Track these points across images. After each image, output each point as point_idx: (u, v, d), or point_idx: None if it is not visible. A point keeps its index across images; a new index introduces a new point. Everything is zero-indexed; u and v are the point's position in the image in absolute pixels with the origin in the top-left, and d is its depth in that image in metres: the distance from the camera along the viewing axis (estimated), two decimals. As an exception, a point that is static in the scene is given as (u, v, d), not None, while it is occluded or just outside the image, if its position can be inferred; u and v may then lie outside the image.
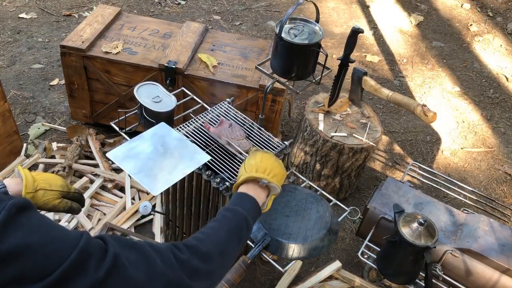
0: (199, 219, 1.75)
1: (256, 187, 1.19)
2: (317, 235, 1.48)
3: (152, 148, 1.41)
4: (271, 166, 1.21)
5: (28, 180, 1.22)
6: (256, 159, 1.23)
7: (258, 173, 1.19)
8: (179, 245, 0.93)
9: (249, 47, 2.58)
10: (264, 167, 1.20)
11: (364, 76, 1.97)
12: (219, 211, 1.12)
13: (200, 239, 0.98)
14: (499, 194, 2.70)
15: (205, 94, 2.37)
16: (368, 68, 3.58)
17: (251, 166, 1.21)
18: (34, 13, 3.76)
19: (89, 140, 2.50)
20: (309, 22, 1.80)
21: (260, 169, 1.20)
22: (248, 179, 1.19)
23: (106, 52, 2.38)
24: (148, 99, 1.61)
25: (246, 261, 1.41)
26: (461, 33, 4.17)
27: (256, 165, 1.21)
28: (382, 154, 2.85)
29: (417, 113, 1.81)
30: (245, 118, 1.75)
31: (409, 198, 1.91)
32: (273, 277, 2.08)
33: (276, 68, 1.82)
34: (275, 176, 1.20)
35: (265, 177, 1.18)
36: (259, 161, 1.22)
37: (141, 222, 2.21)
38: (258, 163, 1.21)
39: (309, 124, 2.26)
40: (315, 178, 2.38)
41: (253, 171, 1.19)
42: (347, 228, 2.36)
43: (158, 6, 4.07)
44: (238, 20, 4.00)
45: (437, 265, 1.71)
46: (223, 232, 1.04)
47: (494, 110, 3.34)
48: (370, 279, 2.04)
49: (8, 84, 2.99)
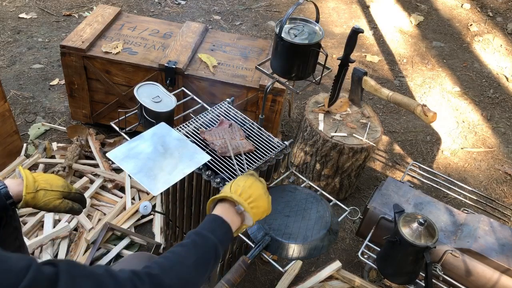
0: (199, 219, 1.75)
1: (233, 212, 1.14)
2: (317, 235, 1.48)
3: (152, 148, 1.41)
4: (257, 195, 1.16)
5: (29, 180, 1.22)
6: (246, 183, 1.18)
7: (240, 197, 1.14)
8: (142, 275, 0.88)
9: (249, 47, 2.58)
10: (250, 194, 1.15)
11: (364, 76, 1.97)
12: (189, 233, 1.06)
13: (165, 269, 0.94)
14: (499, 194, 2.70)
15: (205, 94, 2.37)
16: (368, 68, 3.58)
17: (237, 187, 1.16)
18: (34, 13, 3.76)
19: (89, 140, 2.50)
20: (309, 22, 1.80)
21: (244, 194, 1.15)
22: (228, 199, 1.15)
23: (106, 52, 2.38)
24: (148, 99, 1.61)
25: (246, 261, 1.41)
26: (461, 33, 4.17)
27: (242, 188, 1.16)
28: (382, 154, 2.85)
29: (417, 113, 1.81)
30: (245, 118, 1.75)
31: (409, 198, 1.91)
32: (273, 277, 2.08)
33: (276, 68, 1.82)
34: (255, 208, 1.15)
35: (243, 205, 1.13)
36: (248, 186, 1.17)
37: (141, 222, 2.21)
38: (246, 188, 1.16)
39: (309, 124, 2.26)
40: (315, 178, 2.38)
41: (237, 193, 1.14)
42: (347, 228, 2.36)
43: (158, 6, 4.07)
44: (238, 20, 4.00)
45: (437, 265, 1.71)
46: (190, 262, 0.99)
47: (494, 110, 3.34)
48: (370, 279, 2.04)
49: (8, 84, 2.99)
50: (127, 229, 2.11)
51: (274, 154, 1.62)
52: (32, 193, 1.22)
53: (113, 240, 2.09)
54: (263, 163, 1.58)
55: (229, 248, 1.79)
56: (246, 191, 1.16)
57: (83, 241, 2.03)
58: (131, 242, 2.09)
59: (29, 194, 1.21)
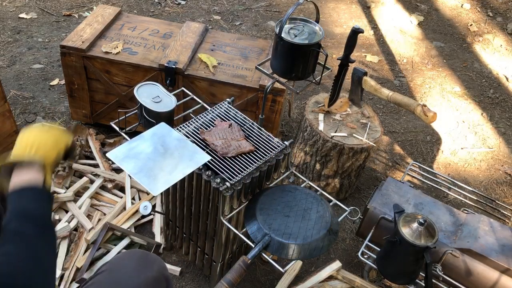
0: (199, 219, 1.75)
1: (25, 174, 1.01)
2: (317, 235, 1.47)
3: (152, 148, 1.41)
4: (33, 140, 1.08)
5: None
6: (21, 138, 1.09)
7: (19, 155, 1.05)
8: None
9: (249, 47, 2.58)
10: (25, 144, 1.07)
11: (364, 76, 1.97)
12: (4, 221, 0.92)
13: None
14: (499, 194, 2.70)
15: (205, 94, 2.37)
16: (368, 68, 3.58)
17: (15, 146, 1.08)
18: (34, 13, 3.76)
19: (89, 140, 2.50)
20: (309, 22, 1.80)
21: (21, 149, 1.07)
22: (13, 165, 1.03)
23: (106, 52, 2.38)
24: (148, 99, 1.61)
25: (246, 261, 1.41)
26: (461, 33, 4.17)
27: (19, 144, 1.08)
28: (382, 154, 2.85)
29: (417, 113, 1.81)
30: (245, 118, 1.75)
31: (409, 198, 1.91)
32: (273, 277, 2.08)
33: (276, 68, 1.82)
34: (38, 151, 1.06)
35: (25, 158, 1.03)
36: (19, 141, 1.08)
37: (141, 222, 2.21)
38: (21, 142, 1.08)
39: (309, 124, 2.26)
40: (315, 178, 2.38)
41: (16, 152, 1.07)
42: (347, 228, 2.36)
43: (158, 6, 4.07)
44: (238, 20, 4.00)
45: (437, 265, 1.71)
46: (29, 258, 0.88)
47: (494, 110, 3.34)
48: (370, 279, 2.04)
49: (8, 84, 2.99)
50: (127, 229, 2.11)
51: (274, 154, 1.62)
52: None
53: (113, 240, 2.08)
54: (263, 163, 1.58)
55: (229, 248, 1.79)
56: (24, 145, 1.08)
57: (83, 241, 2.03)
58: (131, 242, 2.09)
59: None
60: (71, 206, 2.15)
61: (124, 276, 1.22)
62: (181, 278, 2.02)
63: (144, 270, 1.25)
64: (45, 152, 1.09)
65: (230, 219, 1.57)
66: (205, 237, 1.79)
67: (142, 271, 1.25)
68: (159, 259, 1.34)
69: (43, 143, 1.10)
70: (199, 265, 1.97)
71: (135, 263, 1.27)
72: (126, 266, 1.26)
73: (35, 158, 1.06)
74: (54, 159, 1.10)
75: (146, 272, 1.25)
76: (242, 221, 1.67)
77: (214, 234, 1.72)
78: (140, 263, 1.27)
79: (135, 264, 1.26)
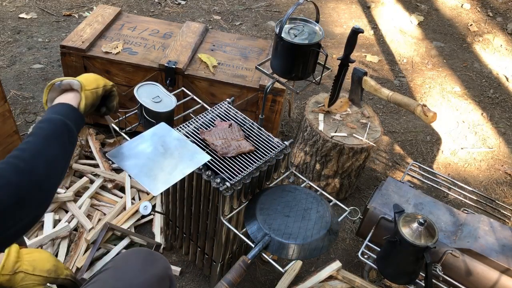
0: (199, 219, 1.75)
1: (65, 96, 1.17)
2: (317, 235, 1.47)
3: (152, 148, 1.41)
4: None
5: (9, 260, 1.11)
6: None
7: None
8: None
9: (249, 47, 2.58)
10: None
11: (364, 76, 1.96)
12: (34, 125, 1.07)
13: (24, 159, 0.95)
14: (499, 194, 2.70)
15: (205, 94, 2.37)
16: (368, 68, 3.58)
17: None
18: (34, 13, 3.76)
19: (89, 140, 2.50)
20: (309, 22, 1.80)
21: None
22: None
23: (106, 52, 2.38)
24: (148, 99, 1.61)
25: (246, 261, 1.41)
26: (461, 33, 4.17)
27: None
28: (382, 154, 2.85)
29: (417, 113, 1.81)
30: (245, 118, 1.75)
31: (409, 198, 1.91)
32: (273, 277, 2.08)
33: (276, 68, 1.82)
34: (80, 78, 1.20)
35: (57, 80, 1.16)
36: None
37: (141, 222, 2.21)
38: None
39: (309, 124, 2.26)
40: (315, 178, 2.38)
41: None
42: (347, 228, 2.36)
43: (158, 6, 4.07)
44: (238, 20, 4.00)
45: (437, 265, 1.71)
46: (40, 143, 1.00)
47: (494, 110, 3.34)
48: (370, 279, 2.04)
49: (8, 84, 2.99)
50: (127, 229, 2.11)
51: (274, 154, 1.62)
52: (8, 275, 1.10)
53: (113, 240, 2.09)
54: (263, 163, 1.58)
55: (229, 248, 1.79)
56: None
57: (83, 241, 2.03)
58: (131, 242, 2.09)
59: (3, 276, 1.09)
60: (71, 206, 2.15)
61: (129, 273, 1.23)
62: (181, 278, 2.02)
63: (149, 268, 1.25)
64: (85, 80, 1.20)
65: (230, 219, 1.58)
66: (205, 237, 1.79)
67: (147, 269, 1.25)
68: (164, 258, 1.34)
69: (84, 76, 1.23)
70: (199, 265, 1.97)
71: (140, 261, 1.27)
72: (132, 264, 1.26)
73: (76, 79, 1.18)
74: (93, 90, 1.21)
75: (151, 270, 1.25)
76: (242, 221, 1.67)
77: (214, 234, 1.72)
78: (146, 262, 1.27)
79: (140, 262, 1.26)
